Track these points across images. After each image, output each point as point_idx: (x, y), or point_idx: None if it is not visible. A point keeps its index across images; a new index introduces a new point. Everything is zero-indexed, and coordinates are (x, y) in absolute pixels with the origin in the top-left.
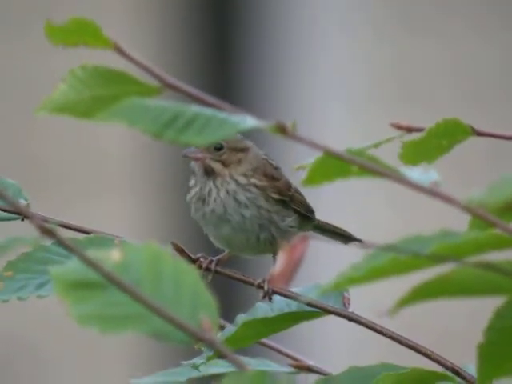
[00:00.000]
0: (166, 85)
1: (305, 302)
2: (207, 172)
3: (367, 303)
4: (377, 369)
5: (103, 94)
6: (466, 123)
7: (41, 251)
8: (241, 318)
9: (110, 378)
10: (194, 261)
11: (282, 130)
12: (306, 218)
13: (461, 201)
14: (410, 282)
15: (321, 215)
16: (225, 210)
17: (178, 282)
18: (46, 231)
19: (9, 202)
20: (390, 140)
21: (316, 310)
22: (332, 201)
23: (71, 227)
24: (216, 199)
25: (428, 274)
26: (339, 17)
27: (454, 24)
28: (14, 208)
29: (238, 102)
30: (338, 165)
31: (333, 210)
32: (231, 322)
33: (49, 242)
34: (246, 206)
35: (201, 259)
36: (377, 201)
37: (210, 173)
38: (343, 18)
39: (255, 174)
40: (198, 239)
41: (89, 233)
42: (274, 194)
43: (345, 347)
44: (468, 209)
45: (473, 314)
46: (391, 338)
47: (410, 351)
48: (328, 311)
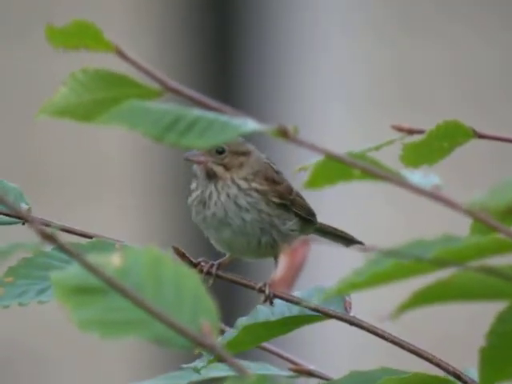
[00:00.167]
0: (167, 88)
1: (306, 306)
2: (209, 175)
3: (369, 307)
4: (378, 373)
5: (104, 97)
6: (467, 125)
7: (42, 257)
8: (241, 321)
9: (110, 383)
10: (194, 265)
11: (284, 133)
12: (308, 221)
13: (462, 204)
14: (412, 286)
15: (322, 218)
16: (225, 213)
17: (179, 286)
18: (47, 236)
19: (10, 207)
20: (391, 142)
21: (317, 314)
22: (334, 204)
23: (72, 231)
24: (217, 202)
25: (430, 278)
26: (340, 17)
27: (455, 24)
28: (14, 212)
29: (239, 102)
30: (339, 168)
31: (334, 213)
32: (232, 327)
33: (50, 247)
34: (247, 210)
35: (202, 263)
36: (378, 204)
37: (211, 176)
38: (344, 18)
39: (256, 178)
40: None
41: (90, 237)
42: (275, 198)
43: (346, 351)
44: (470, 213)
45: (474, 319)
46: (393, 342)
47: (411, 355)
48: (329, 315)
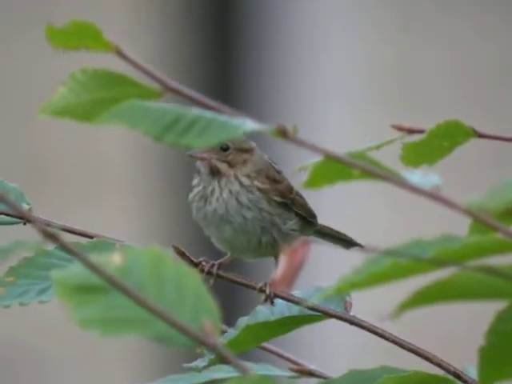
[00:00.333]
0: (167, 88)
1: (306, 306)
2: (213, 172)
3: (369, 307)
4: (377, 372)
5: (103, 97)
6: (467, 125)
7: (42, 256)
8: (242, 321)
9: (110, 383)
10: (195, 264)
11: (283, 133)
12: (308, 222)
13: (461, 205)
14: (412, 286)
15: (322, 218)
16: (227, 210)
17: (180, 285)
18: (49, 235)
19: (11, 206)
20: (391, 142)
21: (317, 313)
22: (333, 203)
23: (72, 231)
24: (218, 199)
25: (429, 278)
26: (340, 17)
27: (455, 24)
28: (16, 212)
29: (239, 102)
30: (338, 168)
31: (333, 213)
32: (233, 326)
33: (51, 246)
34: (248, 208)
35: (203, 263)
36: (378, 204)
37: (215, 173)
38: (344, 18)
39: (258, 176)
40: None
41: (90, 237)
42: (276, 197)
43: (346, 351)
44: (469, 213)
45: (474, 318)
46: (393, 341)
47: (411, 355)
48: (329, 315)
